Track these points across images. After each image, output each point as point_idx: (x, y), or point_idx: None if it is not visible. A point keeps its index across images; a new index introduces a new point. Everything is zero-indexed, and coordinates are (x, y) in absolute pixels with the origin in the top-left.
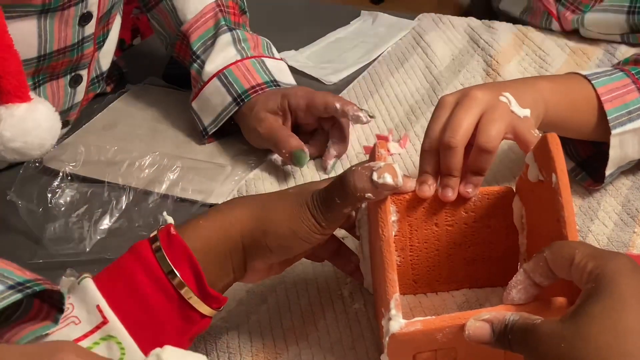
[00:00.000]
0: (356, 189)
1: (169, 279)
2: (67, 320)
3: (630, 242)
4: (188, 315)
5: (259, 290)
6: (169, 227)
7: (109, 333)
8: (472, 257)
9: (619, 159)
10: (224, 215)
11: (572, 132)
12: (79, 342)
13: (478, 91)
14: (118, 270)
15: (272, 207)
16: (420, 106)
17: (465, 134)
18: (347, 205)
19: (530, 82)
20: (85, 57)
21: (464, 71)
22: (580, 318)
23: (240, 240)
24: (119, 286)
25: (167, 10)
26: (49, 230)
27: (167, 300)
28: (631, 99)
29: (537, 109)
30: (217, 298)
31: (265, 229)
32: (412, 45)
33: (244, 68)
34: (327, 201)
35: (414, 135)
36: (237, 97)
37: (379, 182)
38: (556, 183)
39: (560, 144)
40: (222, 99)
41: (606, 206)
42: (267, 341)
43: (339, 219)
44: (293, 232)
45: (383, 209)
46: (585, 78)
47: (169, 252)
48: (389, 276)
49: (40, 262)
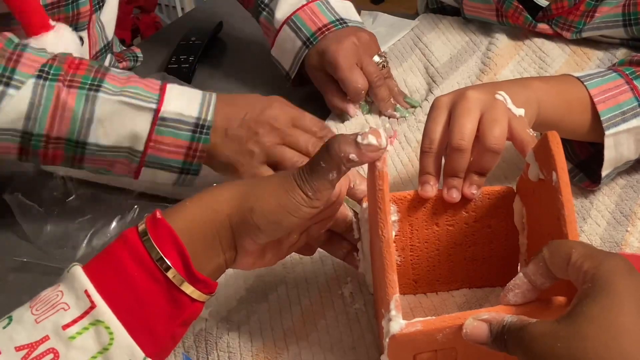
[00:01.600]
0: (340, 150)
1: (155, 261)
2: (57, 307)
3: (623, 242)
4: (176, 299)
5: (260, 290)
6: (155, 212)
7: (97, 318)
8: (472, 257)
9: (614, 159)
10: (211, 195)
11: (566, 133)
12: (68, 328)
13: (474, 92)
14: (106, 256)
15: (259, 185)
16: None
17: (471, 135)
18: (331, 169)
19: (524, 82)
20: (83, 16)
21: (461, 71)
22: (576, 318)
23: (227, 219)
24: (107, 271)
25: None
26: (43, 232)
27: (155, 283)
28: (624, 100)
29: (531, 108)
30: (205, 281)
31: (252, 206)
32: (410, 45)
33: (309, 11)
34: (312, 168)
35: (408, 132)
36: (306, 41)
37: (363, 143)
38: (557, 181)
39: (560, 142)
40: (293, 44)
41: (599, 205)
42: (268, 341)
43: (325, 187)
44: (280, 205)
45: (383, 209)
46: (578, 80)
47: (154, 234)
48: (389, 277)
49: (29, 262)
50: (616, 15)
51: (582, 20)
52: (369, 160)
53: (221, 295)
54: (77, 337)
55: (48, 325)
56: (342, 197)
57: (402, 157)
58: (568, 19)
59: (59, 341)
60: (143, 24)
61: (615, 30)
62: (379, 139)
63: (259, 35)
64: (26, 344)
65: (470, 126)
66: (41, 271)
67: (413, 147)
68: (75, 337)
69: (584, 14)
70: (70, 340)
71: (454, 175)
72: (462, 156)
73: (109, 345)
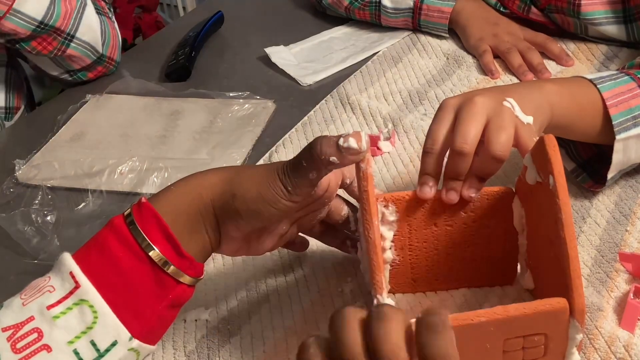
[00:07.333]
0: (321, 152)
1: (137, 241)
2: (43, 290)
3: (622, 242)
4: (161, 279)
5: (261, 289)
6: (140, 198)
7: (81, 297)
8: (471, 257)
9: (621, 163)
10: (195, 179)
11: (578, 135)
12: (52, 308)
13: (482, 97)
14: (93, 241)
15: (244, 173)
16: (408, 104)
17: (475, 140)
18: (312, 169)
19: (537, 86)
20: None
21: (459, 72)
22: None
23: (210, 204)
24: (93, 253)
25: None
26: (42, 252)
27: (140, 263)
28: (636, 104)
29: (542, 114)
30: (190, 259)
31: (235, 192)
32: (408, 46)
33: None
34: (295, 165)
35: (405, 131)
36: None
37: (344, 146)
38: (554, 185)
39: (557, 145)
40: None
41: (599, 205)
42: (269, 341)
43: (305, 185)
44: (260, 195)
45: (368, 211)
46: (590, 82)
47: (138, 217)
48: (376, 278)
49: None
50: (616, 12)
51: (571, 9)
52: (349, 163)
53: (221, 295)
54: (61, 316)
55: (34, 307)
56: (331, 191)
57: (404, 157)
58: (558, 5)
59: (44, 321)
60: (145, 23)
61: (613, 27)
62: (359, 142)
63: (260, 34)
64: (12, 325)
65: (475, 131)
66: (43, 272)
67: (416, 148)
68: (59, 317)
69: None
70: (54, 320)
71: (454, 178)
72: (464, 160)
73: (93, 324)
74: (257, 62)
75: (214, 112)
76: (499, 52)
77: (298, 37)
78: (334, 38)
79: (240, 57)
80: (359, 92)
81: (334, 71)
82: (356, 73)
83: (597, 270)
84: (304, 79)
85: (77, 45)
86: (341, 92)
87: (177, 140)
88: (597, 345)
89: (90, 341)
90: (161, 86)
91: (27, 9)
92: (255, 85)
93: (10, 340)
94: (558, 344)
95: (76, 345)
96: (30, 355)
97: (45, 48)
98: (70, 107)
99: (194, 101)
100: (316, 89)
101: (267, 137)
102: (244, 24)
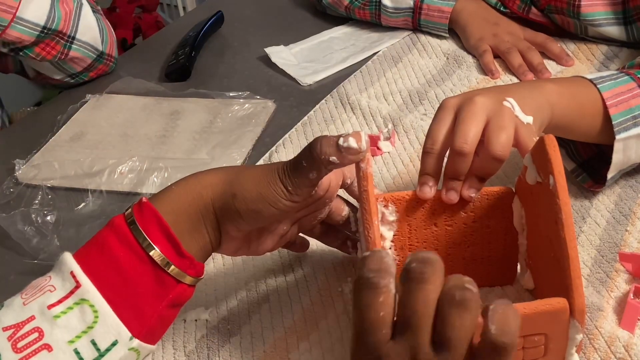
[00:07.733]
0: (321, 151)
1: (138, 241)
2: (44, 289)
3: (622, 241)
4: (162, 279)
5: (261, 289)
6: (141, 198)
7: (82, 297)
8: (471, 257)
9: (621, 163)
10: (196, 179)
11: (578, 135)
12: (53, 308)
13: (482, 97)
14: (94, 241)
15: (244, 173)
16: (408, 104)
17: (475, 140)
18: (312, 169)
19: (537, 85)
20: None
21: (459, 71)
22: None
23: (211, 203)
24: (93, 253)
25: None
26: (42, 252)
27: (140, 262)
28: (636, 104)
29: (543, 113)
30: (190, 259)
31: (235, 192)
32: (408, 45)
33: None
34: (295, 165)
35: (405, 131)
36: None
37: (343, 146)
38: (554, 185)
39: (557, 145)
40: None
41: (599, 205)
42: (269, 340)
43: (305, 185)
44: (261, 195)
45: (368, 210)
46: (590, 82)
47: (139, 216)
48: None
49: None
50: (616, 13)
51: (571, 10)
52: (349, 163)
53: (221, 295)
54: (62, 316)
55: (34, 306)
56: (331, 191)
57: (404, 157)
58: (557, 6)
59: (44, 320)
60: (145, 23)
61: (613, 28)
62: (359, 142)
63: (260, 34)
64: (13, 324)
65: (475, 131)
66: (43, 272)
67: (415, 148)
68: (60, 316)
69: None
70: (54, 319)
71: (454, 178)
72: (464, 160)
73: (93, 324)
74: (257, 62)
75: (214, 112)
76: (499, 52)
77: (298, 37)
78: (334, 38)
79: (240, 57)
80: (359, 92)
81: (334, 71)
82: (356, 73)
83: (597, 270)
84: (304, 79)
85: (78, 47)
86: (341, 92)
87: (177, 140)
88: (597, 345)
89: (91, 341)
90: (161, 86)
91: (29, 15)
92: (255, 85)
93: (11, 339)
94: (558, 344)
95: (77, 344)
96: (30, 354)
97: (49, 53)
98: (70, 107)
99: (194, 101)
100: (316, 89)
101: (267, 137)
102: (244, 24)
